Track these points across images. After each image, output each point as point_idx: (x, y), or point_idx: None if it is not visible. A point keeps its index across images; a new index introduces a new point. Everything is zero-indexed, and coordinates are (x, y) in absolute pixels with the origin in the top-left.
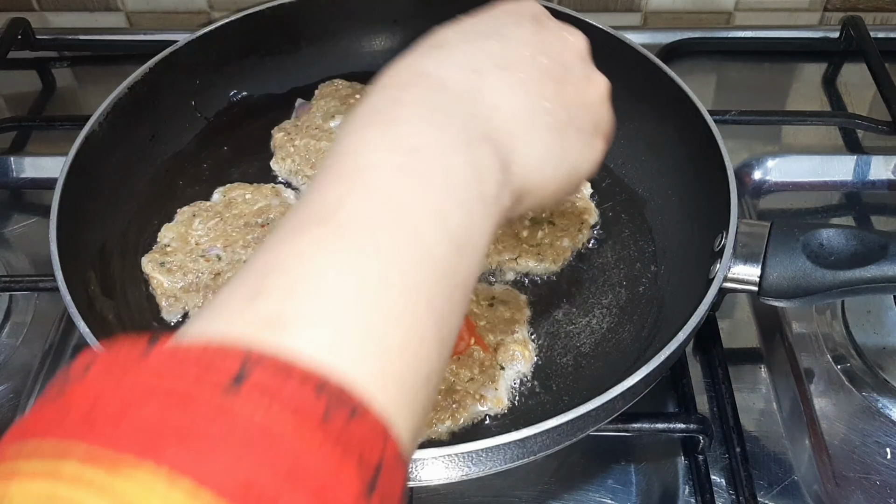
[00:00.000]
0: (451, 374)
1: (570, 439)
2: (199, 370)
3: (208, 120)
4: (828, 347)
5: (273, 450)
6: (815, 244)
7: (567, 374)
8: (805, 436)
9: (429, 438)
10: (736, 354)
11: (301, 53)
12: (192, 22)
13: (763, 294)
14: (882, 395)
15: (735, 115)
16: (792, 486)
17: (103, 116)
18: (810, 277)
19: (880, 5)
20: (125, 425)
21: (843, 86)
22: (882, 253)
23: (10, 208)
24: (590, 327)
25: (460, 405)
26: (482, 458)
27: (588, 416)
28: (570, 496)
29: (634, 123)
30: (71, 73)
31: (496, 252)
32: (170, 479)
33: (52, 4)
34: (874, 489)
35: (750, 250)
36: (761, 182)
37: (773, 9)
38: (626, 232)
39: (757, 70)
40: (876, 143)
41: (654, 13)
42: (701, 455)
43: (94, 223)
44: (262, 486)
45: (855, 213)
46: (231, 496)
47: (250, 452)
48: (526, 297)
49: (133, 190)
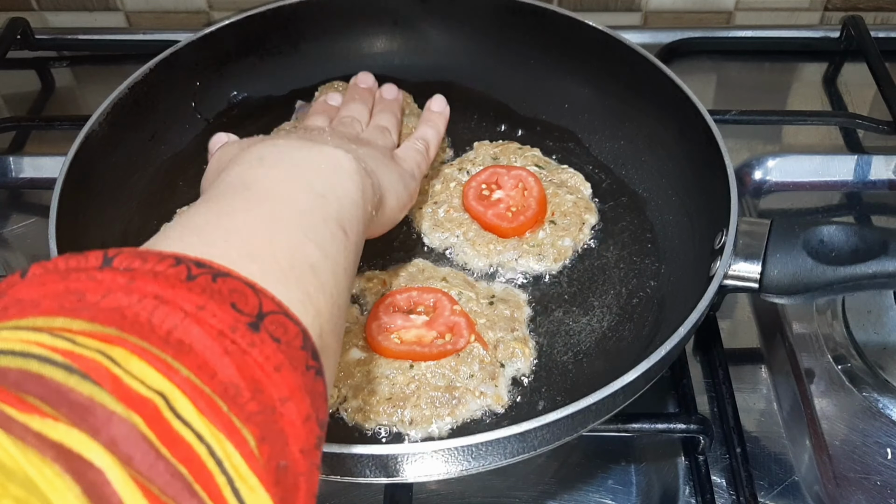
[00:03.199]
0: (452, 371)
1: (569, 434)
2: (68, 268)
3: (208, 121)
4: (828, 347)
5: (138, 291)
6: (816, 241)
7: (567, 372)
8: (805, 436)
9: (428, 435)
10: (736, 355)
11: (301, 55)
12: (191, 22)
13: (763, 291)
14: (882, 395)
15: (735, 114)
16: (792, 487)
17: (103, 116)
18: (811, 274)
19: (881, 5)
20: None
21: (844, 85)
22: (882, 249)
23: (9, 208)
24: (590, 326)
25: (460, 402)
26: (482, 453)
27: (588, 410)
28: (571, 496)
29: (634, 123)
30: (70, 73)
31: (497, 252)
32: (47, 320)
33: (51, 4)
34: (875, 489)
35: (750, 248)
36: (762, 182)
37: (774, 8)
38: (626, 231)
39: (757, 70)
40: (876, 143)
41: (654, 13)
42: (701, 455)
43: (94, 223)
44: (133, 311)
45: (855, 212)
46: (103, 320)
47: (116, 293)
48: (526, 295)
49: (133, 190)
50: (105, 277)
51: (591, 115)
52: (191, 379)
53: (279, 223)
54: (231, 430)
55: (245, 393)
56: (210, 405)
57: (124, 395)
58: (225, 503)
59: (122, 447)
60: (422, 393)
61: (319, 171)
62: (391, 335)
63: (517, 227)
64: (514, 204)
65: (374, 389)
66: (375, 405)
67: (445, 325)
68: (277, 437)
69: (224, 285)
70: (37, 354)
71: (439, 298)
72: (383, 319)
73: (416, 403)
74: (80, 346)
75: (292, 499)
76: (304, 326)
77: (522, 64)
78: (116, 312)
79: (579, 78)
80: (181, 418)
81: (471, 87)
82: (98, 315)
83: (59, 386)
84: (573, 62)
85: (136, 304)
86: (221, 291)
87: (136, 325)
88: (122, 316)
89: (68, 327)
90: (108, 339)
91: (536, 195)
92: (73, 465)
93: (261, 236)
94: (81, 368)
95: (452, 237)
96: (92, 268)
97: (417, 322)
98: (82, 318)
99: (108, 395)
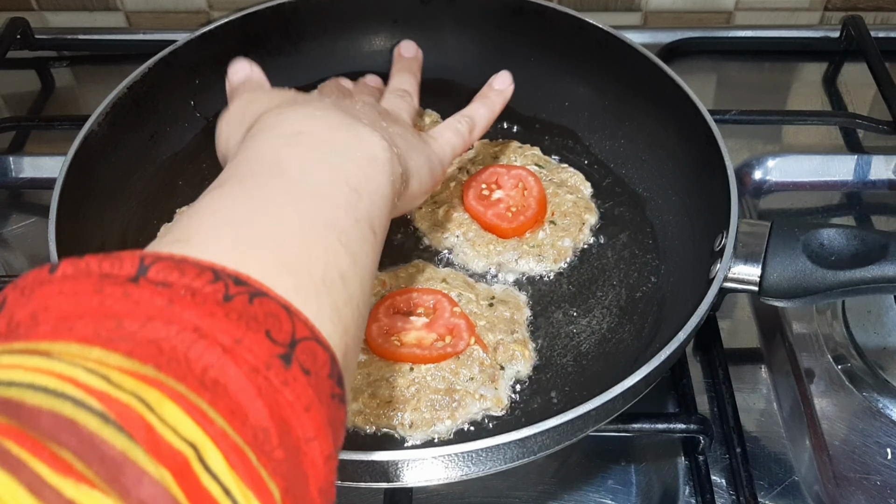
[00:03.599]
0: (451, 374)
1: (570, 439)
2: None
3: (208, 120)
4: (828, 347)
5: (176, 320)
6: (816, 244)
7: (567, 374)
8: (805, 436)
9: (428, 438)
10: (736, 354)
11: (301, 53)
12: (191, 21)
13: (763, 294)
14: (882, 395)
15: (735, 114)
16: (792, 487)
17: (102, 116)
18: (811, 277)
19: (881, 5)
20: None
21: (844, 85)
22: (882, 253)
23: (9, 208)
24: (590, 327)
25: (460, 404)
26: (482, 458)
27: (588, 415)
28: (571, 496)
29: (634, 123)
30: (70, 73)
31: (497, 252)
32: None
33: (51, 4)
34: (874, 489)
35: (750, 250)
36: (762, 182)
37: (774, 8)
38: (626, 232)
39: (757, 70)
40: (876, 143)
41: (654, 13)
42: (701, 455)
43: (94, 223)
44: (170, 345)
45: (855, 212)
46: (140, 355)
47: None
48: (526, 297)
49: (132, 190)
50: (143, 297)
51: (591, 114)
52: (224, 429)
53: (315, 225)
54: (259, 485)
55: (273, 439)
56: (241, 458)
57: (156, 449)
58: None
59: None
60: (422, 396)
61: (356, 160)
62: (391, 337)
63: (517, 227)
64: (514, 204)
65: (374, 392)
66: (375, 408)
67: (445, 327)
68: (300, 483)
69: (260, 308)
70: (72, 397)
71: (439, 300)
72: (383, 321)
73: (416, 406)
74: (116, 388)
75: None
76: (333, 351)
77: (523, 63)
78: (154, 346)
79: (579, 77)
80: (210, 472)
81: (471, 87)
82: (135, 349)
83: (92, 437)
84: (573, 61)
85: (175, 336)
86: (257, 317)
87: (172, 363)
88: (159, 350)
89: (104, 360)
90: (145, 380)
91: (536, 195)
92: None
93: (297, 243)
94: (116, 418)
95: (452, 237)
96: (126, 277)
97: (417, 324)
98: (120, 352)
99: (142, 450)
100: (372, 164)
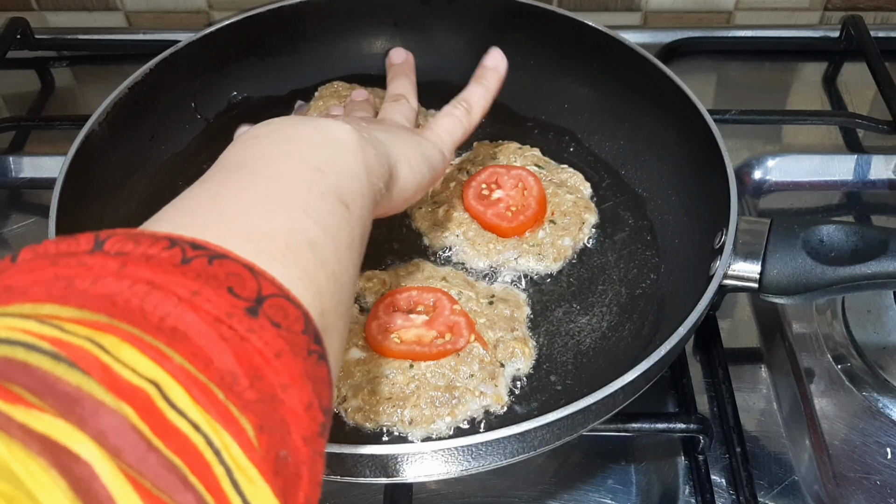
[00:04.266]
0: (451, 371)
1: (570, 434)
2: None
3: (208, 121)
4: (828, 347)
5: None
6: (815, 240)
7: (567, 372)
8: (805, 436)
9: (428, 435)
10: (736, 354)
11: (301, 55)
12: (191, 22)
13: (763, 291)
14: (882, 394)
15: (735, 114)
16: (792, 486)
17: (103, 116)
18: (810, 274)
19: (881, 4)
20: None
21: (844, 85)
22: (882, 249)
23: (8, 208)
24: (590, 325)
25: (460, 401)
26: (482, 452)
27: (588, 410)
28: (570, 496)
29: (634, 123)
30: (70, 73)
31: (497, 251)
32: (34, 307)
33: (51, 4)
34: (874, 489)
35: (750, 247)
36: (761, 182)
37: (774, 8)
38: (626, 231)
39: (757, 70)
40: (876, 143)
41: (653, 13)
42: (701, 455)
43: (94, 223)
44: (123, 298)
45: (855, 212)
46: (93, 306)
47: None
48: (526, 295)
49: (133, 190)
50: (95, 262)
51: (590, 114)
52: (185, 367)
53: (275, 201)
54: (228, 419)
55: (243, 381)
56: (206, 394)
57: (114, 385)
58: (223, 495)
59: (111, 439)
60: (421, 393)
61: (315, 144)
62: (391, 335)
63: (517, 227)
64: (513, 203)
65: (374, 389)
66: (375, 405)
67: (445, 324)
68: (278, 426)
69: (220, 268)
70: (23, 342)
71: (439, 298)
72: (383, 319)
73: (415, 403)
74: (69, 334)
75: (294, 489)
76: (305, 309)
77: (522, 64)
78: (107, 299)
79: (579, 78)
80: (175, 408)
81: None
82: (87, 302)
83: (45, 375)
84: (573, 62)
85: (128, 290)
86: (217, 275)
87: (127, 312)
88: (112, 303)
89: (57, 314)
90: (98, 327)
91: (536, 195)
92: (59, 458)
93: (257, 215)
94: (69, 357)
95: (452, 237)
96: (83, 252)
97: (417, 322)
98: (71, 305)
99: (97, 384)
100: (335, 146)
